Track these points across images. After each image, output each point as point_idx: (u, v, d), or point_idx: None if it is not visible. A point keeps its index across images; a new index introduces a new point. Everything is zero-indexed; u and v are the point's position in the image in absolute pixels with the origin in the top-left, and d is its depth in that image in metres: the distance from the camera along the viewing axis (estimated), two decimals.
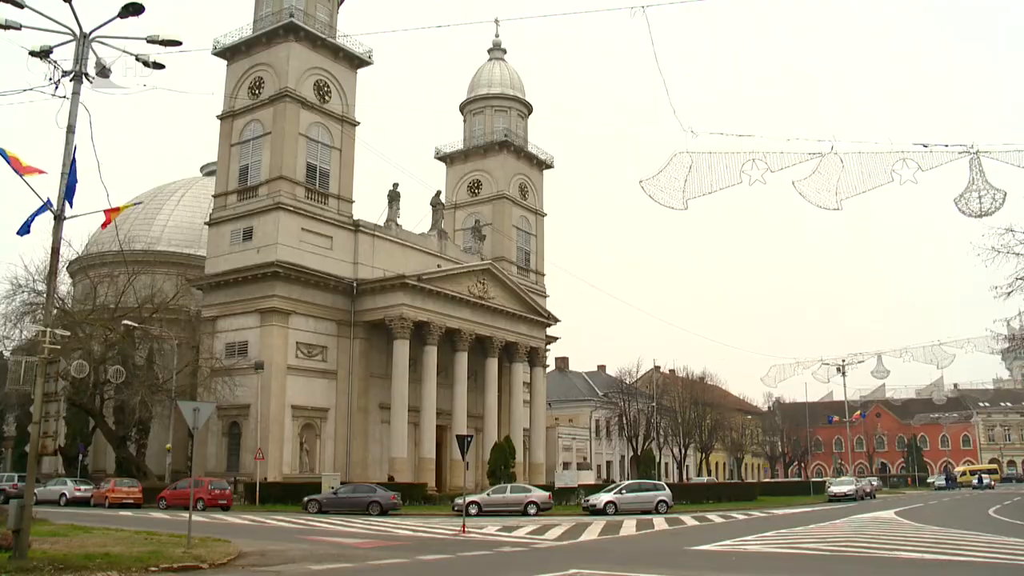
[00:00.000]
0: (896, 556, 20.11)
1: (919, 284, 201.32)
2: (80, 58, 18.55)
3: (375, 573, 16.96)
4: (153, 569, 16.67)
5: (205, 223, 58.10)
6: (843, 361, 63.26)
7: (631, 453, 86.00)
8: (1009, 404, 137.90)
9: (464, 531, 28.56)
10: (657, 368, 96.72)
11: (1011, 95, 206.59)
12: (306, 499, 42.22)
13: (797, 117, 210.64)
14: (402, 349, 55.17)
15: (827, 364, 60.65)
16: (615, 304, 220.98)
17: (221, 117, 57.24)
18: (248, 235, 53.77)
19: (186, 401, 26.29)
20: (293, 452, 52.22)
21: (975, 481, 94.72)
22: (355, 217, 57.27)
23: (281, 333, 52.21)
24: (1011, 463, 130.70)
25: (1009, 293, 33.56)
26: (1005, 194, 22.62)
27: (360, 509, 40.55)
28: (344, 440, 54.70)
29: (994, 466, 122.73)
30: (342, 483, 45.79)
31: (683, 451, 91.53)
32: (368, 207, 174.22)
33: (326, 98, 56.60)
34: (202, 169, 78.45)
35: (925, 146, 22.47)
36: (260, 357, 50.71)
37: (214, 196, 57.48)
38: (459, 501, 38.21)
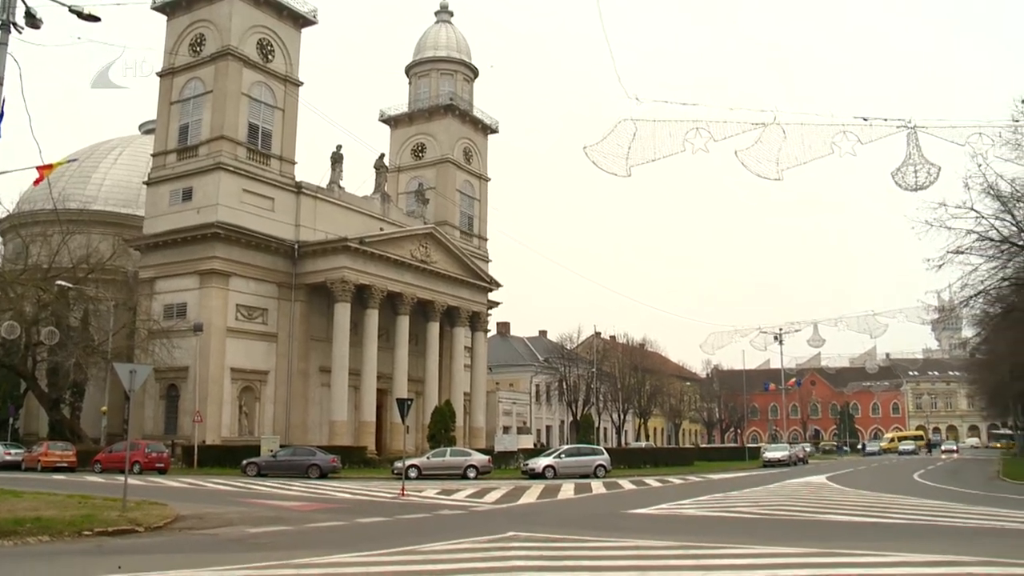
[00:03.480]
0: (827, 519, 20.64)
1: (855, 255, 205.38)
2: (7, 5, 17.87)
3: (313, 535, 16.98)
4: (87, 533, 16.44)
5: (143, 182, 56.92)
6: (780, 330, 64.49)
7: (571, 418, 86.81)
8: (936, 373, 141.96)
9: (403, 494, 28.66)
10: (598, 334, 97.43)
11: (950, 71, 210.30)
12: (245, 462, 41.94)
13: (743, 87, 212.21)
14: (343, 312, 54.92)
15: (764, 332, 61.81)
16: (557, 270, 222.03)
17: (160, 74, 55.88)
18: (188, 195, 52.89)
19: (122, 363, 25.89)
20: (232, 415, 51.87)
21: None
22: (297, 179, 56.64)
23: (221, 295, 51.64)
24: (936, 430, 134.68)
25: (940, 266, 34.44)
26: (939, 169, 23.15)
27: (299, 472, 40.41)
28: (284, 403, 54.44)
29: (920, 432, 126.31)
30: (281, 446, 45.65)
31: (622, 416, 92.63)
32: (311, 169, 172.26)
33: (269, 57, 55.68)
34: (140, 127, 76.70)
35: (865, 119, 22.87)
36: (199, 319, 50.04)
37: (153, 155, 56.37)
38: (399, 464, 38.29)
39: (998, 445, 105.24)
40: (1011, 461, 64.64)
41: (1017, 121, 29.39)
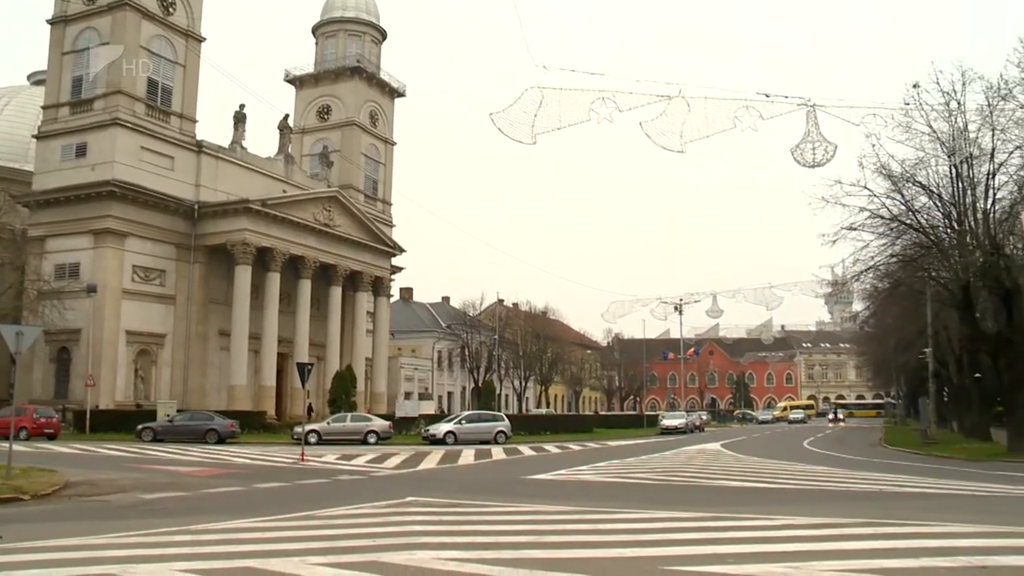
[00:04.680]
0: (720, 485, 21.29)
1: (754, 229, 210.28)
2: None
3: (210, 501, 16.79)
4: None
5: (33, 136, 54.70)
6: (680, 300, 65.76)
7: (472, 384, 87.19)
8: (828, 345, 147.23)
9: (303, 459, 28.54)
10: (501, 301, 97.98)
11: (848, 51, 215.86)
12: (140, 427, 41.08)
13: (651, 60, 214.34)
14: (244, 275, 54.00)
15: (665, 302, 63.12)
16: (461, 236, 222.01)
17: (52, 22, 53.43)
18: (82, 151, 51.03)
19: (8, 325, 25.00)
20: (127, 379, 50.64)
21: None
22: (199, 138, 55.19)
23: (116, 255, 50.22)
24: (826, 399, 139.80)
25: (834, 241, 35.66)
26: (836, 147, 23.90)
27: (197, 437, 39.83)
28: (182, 367, 53.37)
29: (811, 402, 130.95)
30: (179, 411, 44.83)
31: (523, 383, 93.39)
32: (213, 128, 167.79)
33: (170, 10, 53.80)
34: (29, 77, 73.51)
35: (767, 96, 23.43)
36: (93, 280, 48.46)
37: (43, 108, 54.05)
38: (298, 429, 38.02)
39: (842, 416, 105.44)
40: (892, 428, 67.65)
41: (908, 105, 30.49)
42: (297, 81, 72.94)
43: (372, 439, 41.07)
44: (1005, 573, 9.12)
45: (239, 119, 57.85)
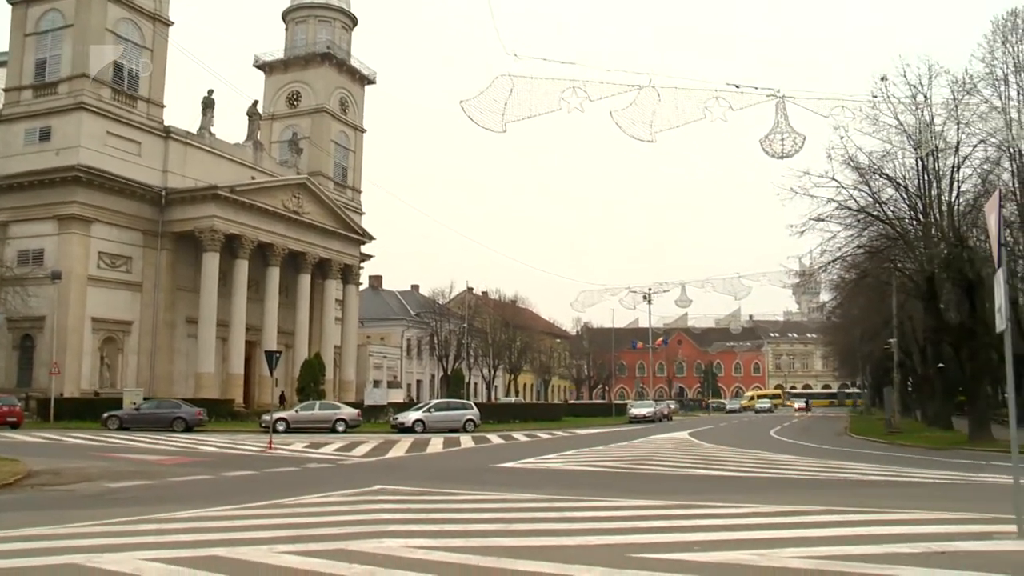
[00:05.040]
0: (687, 473, 21.41)
1: (724, 219, 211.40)
2: None
3: (177, 489, 16.68)
4: None
5: None
6: (649, 289, 65.92)
7: (442, 373, 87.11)
8: (795, 335, 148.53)
9: (271, 447, 28.46)
10: (470, 290, 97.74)
11: (819, 42, 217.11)
12: (106, 415, 40.64)
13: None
14: (212, 262, 53.58)
15: (634, 292, 63.21)
16: (431, 224, 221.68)
17: (13, 2, 52.60)
18: (46, 135, 50.35)
19: None
20: (93, 367, 50.16)
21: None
22: (166, 123, 54.63)
23: (82, 242, 49.65)
24: (792, 388, 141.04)
25: (802, 232, 35.95)
26: (804, 138, 24.04)
27: (164, 425, 39.55)
28: (148, 354, 52.93)
29: (778, 391, 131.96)
30: (145, 399, 44.46)
31: (492, 372, 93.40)
32: (181, 115, 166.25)
33: None
34: None
35: (736, 87, 23.50)
36: (57, 266, 47.86)
37: (4, 90, 53.28)
38: (267, 417, 37.89)
39: (798, 407, 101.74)
40: (858, 418, 68.40)
41: (875, 97, 30.73)
42: (266, 67, 72.30)
43: (341, 427, 40.98)
44: (965, 558, 9.26)
45: (207, 105, 57.31)
